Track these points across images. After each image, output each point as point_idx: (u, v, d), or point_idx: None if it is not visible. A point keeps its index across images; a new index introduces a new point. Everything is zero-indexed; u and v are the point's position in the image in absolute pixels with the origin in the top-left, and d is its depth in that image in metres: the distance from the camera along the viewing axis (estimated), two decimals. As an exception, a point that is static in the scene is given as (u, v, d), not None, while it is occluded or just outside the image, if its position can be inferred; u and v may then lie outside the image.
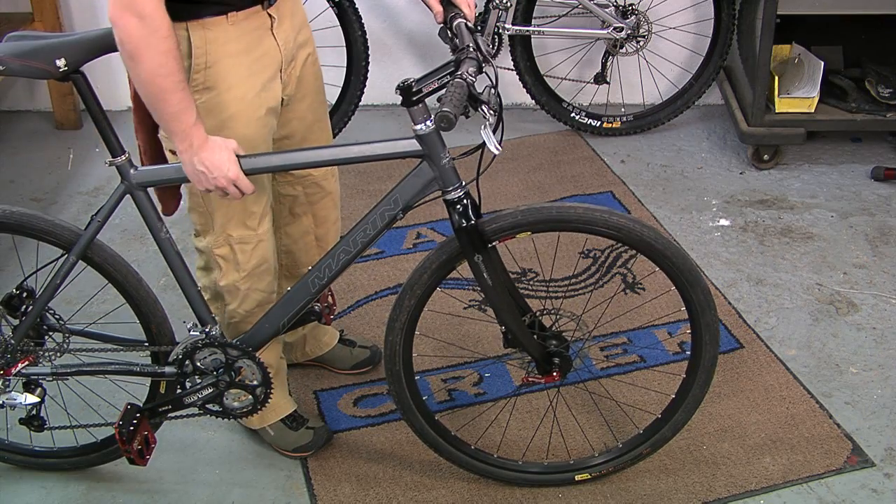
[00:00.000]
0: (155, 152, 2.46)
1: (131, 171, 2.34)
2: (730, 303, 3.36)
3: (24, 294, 2.54)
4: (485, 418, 2.91)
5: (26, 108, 4.90)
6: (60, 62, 2.19)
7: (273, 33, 2.36)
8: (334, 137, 4.25)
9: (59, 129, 4.71)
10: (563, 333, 2.54)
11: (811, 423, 2.87)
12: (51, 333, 2.58)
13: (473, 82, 2.15)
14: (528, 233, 2.37)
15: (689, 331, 3.06)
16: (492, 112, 2.17)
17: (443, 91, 2.11)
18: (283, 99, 2.45)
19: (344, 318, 3.31)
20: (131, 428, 2.46)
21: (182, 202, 2.60)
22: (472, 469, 2.68)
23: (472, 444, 2.69)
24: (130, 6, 2.01)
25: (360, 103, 4.33)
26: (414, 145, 2.29)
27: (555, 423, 2.87)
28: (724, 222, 3.85)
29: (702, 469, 2.73)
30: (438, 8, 2.46)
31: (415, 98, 2.20)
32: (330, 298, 2.70)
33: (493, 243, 2.37)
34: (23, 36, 2.25)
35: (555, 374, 2.53)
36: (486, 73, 2.23)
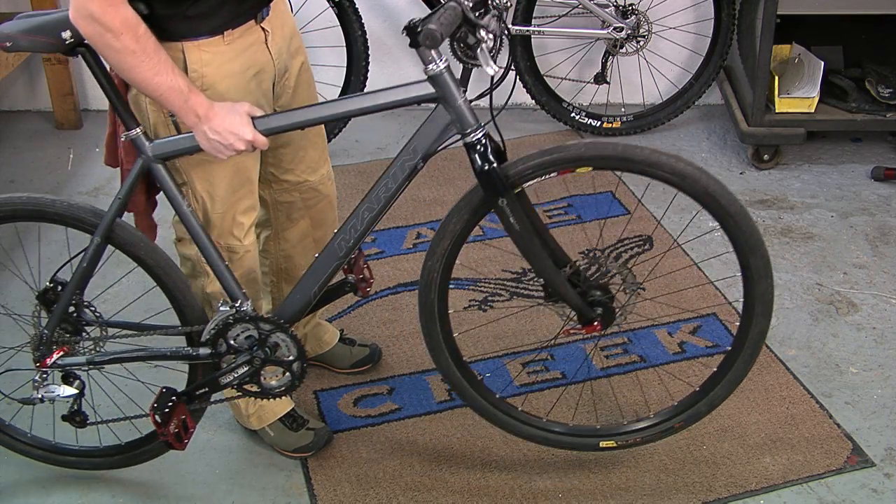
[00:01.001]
0: (114, 147, 2.48)
1: (147, 143, 2.32)
2: (730, 303, 3.36)
3: (59, 287, 2.52)
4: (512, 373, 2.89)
5: (26, 107, 4.90)
6: (66, 34, 2.20)
7: (268, 47, 2.37)
8: (335, 137, 4.29)
9: (59, 129, 4.71)
10: (609, 285, 2.48)
11: (811, 423, 2.87)
12: (88, 328, 2.56)
13: (469, 7, 2.14)
14: (590, 168, 2.32)
15: (689, 332, 3.07)
16: (490, 35, 2.14)
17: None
18: (275, 110, 2.45)
19: (344, 317, 3.31)
20: (166, 410, 2.43)
21: (159, 211, 2.59)
22: (493, 420, 2.63)
23: (497, 394, 2.65)
24: (80, 9, 2.06)
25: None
26: (427, 88, 2.24)
27: (585, 383, 2.86)
28: (724, 222, 3.84)
29: (702, 469, 2.72)
30: None
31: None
32: (367, 271, 2.69)
33: (522, 187, 2.32)
34: (31, 14, 2.27)
35: (596, 324, 2.47)
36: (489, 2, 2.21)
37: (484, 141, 2.25)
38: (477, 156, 2.25)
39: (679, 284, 3.44)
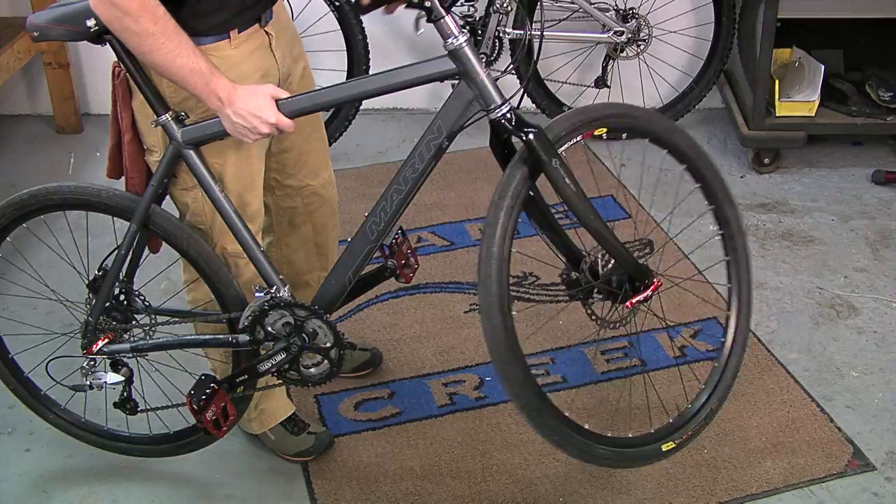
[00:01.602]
0: (117, 159, 2.48)
1: (178, 129, 2.31)
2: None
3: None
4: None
5: (27, 111, 4.91)
6: (90, 22, 2.20)
7: (272, 51, 2.37)
8: (335, 141, 4.29)
9: (60, 133, 4.71)
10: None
11: (812, 426, 2.87)
12: (137, 316, 2.59)
13: None
14: (604, 129, 2.33)
15: (690, 336, 3.07)
16: None
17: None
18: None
19: (345, 321, 3.31)
20: (203, 397, 2.42)
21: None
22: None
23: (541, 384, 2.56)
24: None
25: (361, 107, 4.34)
26: (448, 64, 2.20)
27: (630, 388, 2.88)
28: (724, 226, 3.84)
29: (703, 473, 2.72)
30: None
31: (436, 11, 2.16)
32: (412, 258, 2.69)
33: (563, 148, 2.27)
34: (59, 5, 2.28)
35: (656, 280, 2.45)
36: None
37: (510, 116, 2.21)
38: (509, 127, 2.20)
39: (680, 288, 3.43)
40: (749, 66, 4.28)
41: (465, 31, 2.18)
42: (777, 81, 4.12)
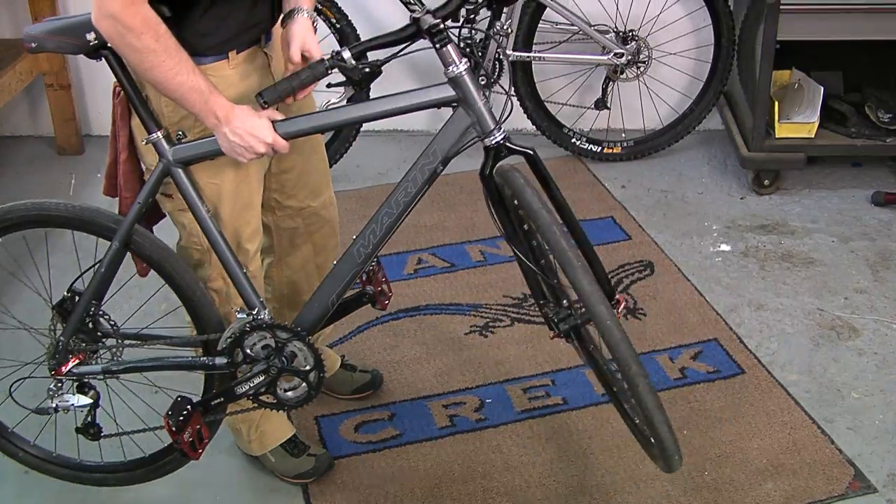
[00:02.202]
0: (115, 177, 2.49)
1: (168, 147, 2.32)
2: (731, 328, 3.36)
3: (76, 297, 2.52)
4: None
5: (28, 133, 4.92)
6: (90, 36, 2.22)
7: (271, 71, 2.38)
8: (336, 163, 4.30)
9: (61, 155, 4.72)
10: None
11: (813, 448, 2.86)
12: (105, 339, 2.56)
13: None
14: None
15: (690, 357, 3.07)
16: None
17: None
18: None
19: (345, 343, 3.31)
20: (181, 418, 2.41)
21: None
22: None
23: None
24: (102, 9, 2.07)
25: (362, 129, 4.35)
26: (447, 90, 2.24)
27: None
28: (724, 247, 3.85)
29: (703, 495, 2.71)
30: None
31: (440, 36, 2.18)
32: (385, 285, 2.69)
33: None
34: (56, 18, 2.31)
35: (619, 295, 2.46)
36: None
37: (504, 144, 2.26)
38: (509, 147, 2.26)
39: (680, 309, 3.44)
40: (748, 88, 4.29)
41: (465, 59, 2.21)
42: (776, 103, 4.13)
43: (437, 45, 2.21)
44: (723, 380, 3.12)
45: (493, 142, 2.25)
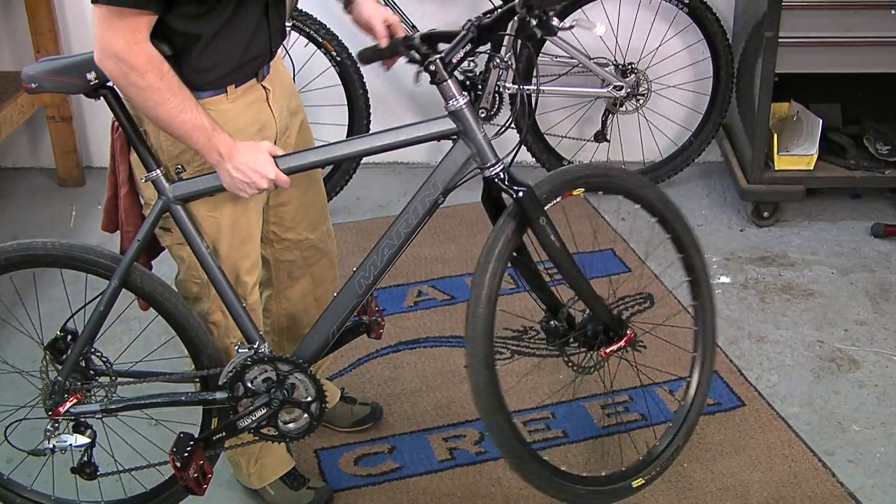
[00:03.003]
0: (113, 212, 2.49)
1: (168, 185, 2.33)
2: (731, 360, 3.36)
3: (69, 337, 2.51)
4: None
5: (29, 164, 4.93)
6: (91, 76, 2.23)
7: (269, 105, 2.39)
8: (336, 195, 4.31)
9: (62, 186, 4.74)
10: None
11: (814, 481, 2.85)
12: (98, 377, 2.55)
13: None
14: (583, 190, 2.45)
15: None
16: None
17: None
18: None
19: (345, 376, 3.31)
20: (185, 455, 2.40)
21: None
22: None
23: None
24: (105, 49, 2.08)
25: (362, 161, 4.36)
26: (448, 124, 2.28)
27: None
28: (724, 279, 3.85)
29: (705, 528, 2.71)
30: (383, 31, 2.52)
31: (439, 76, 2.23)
32: (378, 315, 2.70)
33: (549, 205, 2.40)
34: (53, 58, 2.31)
35: (629, 332, 2.57)
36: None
37: (503, 175, 2.31)
38: (503, 186, 2.32)
39: (680, 342, 3.43)
40: (747, 120, 4.31)
41: (465, 93, 2.27)
42: (775, 135, 4.14)
43: (437, 81, 2.26)
44: (723, 412, 3.11)
45: (494, 173, 2.31)
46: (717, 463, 2.92)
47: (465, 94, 2.27)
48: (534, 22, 2.24)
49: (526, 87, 4.16)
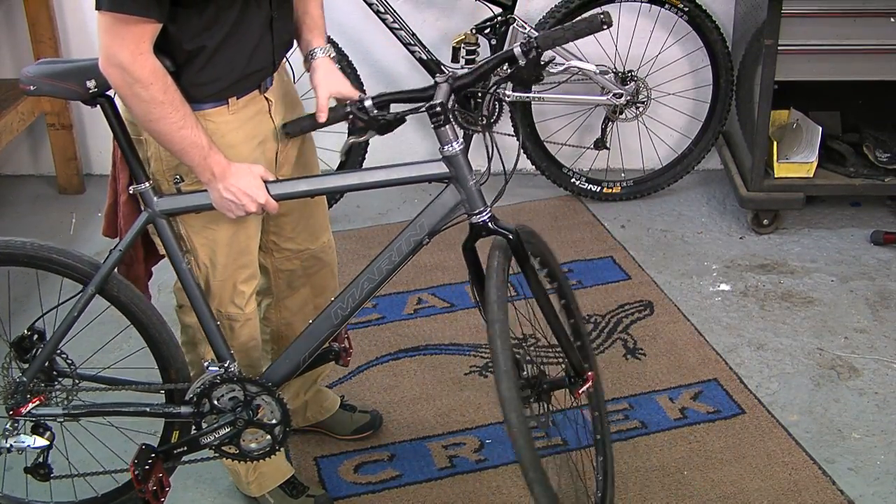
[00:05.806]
0: (114, 218, 2.50)
1: (155, 198, 2.34)
2: (731, 368, 3.36)
3: (35, 336, 2.51)
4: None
5: (30, 172, 4.94)
6: (91, 83, 2.23)
7: (271, 116, 2.39)
8: (336, 203, 4.31)
9: (62, 194, 4.74)
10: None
11: (814, 489, 2.85)
12: (61, 379, 2.54)
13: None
14: None
15: (690, 398, 3.06)
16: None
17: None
18: (277, 179, 2.47)
19: (345, 383, 3.31)
20: (146, 468, 2.41)
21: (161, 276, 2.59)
22: None
23: None
24: (110, 58, 2.09)
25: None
26: (441, 167, 2.30)
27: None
28: (724, 287, 3.85)
29: (704, 537, 2.71)
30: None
31: (440, 118, 2.23)
32: (347, 341, 2.69)
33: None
34: (53, 61, 2.31)
35: (590, 372, 2.57)
36: None
37: (490, 224, 2.32)
38: (492, 229, 2.32)
39: (680, 349, 3.44)
40: (747, 128, 4.31)
41: (461, 140, 2.28)
42: (775, 143, 4.15)
43: (435, 125, 2.25)
44: (723, 420, 3.11)
45: (480, 220, 2.32)
46: (717, 471, 2.91)
47: (461, 140, 2.27)
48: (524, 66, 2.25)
49: (523, 96, 4.17)
